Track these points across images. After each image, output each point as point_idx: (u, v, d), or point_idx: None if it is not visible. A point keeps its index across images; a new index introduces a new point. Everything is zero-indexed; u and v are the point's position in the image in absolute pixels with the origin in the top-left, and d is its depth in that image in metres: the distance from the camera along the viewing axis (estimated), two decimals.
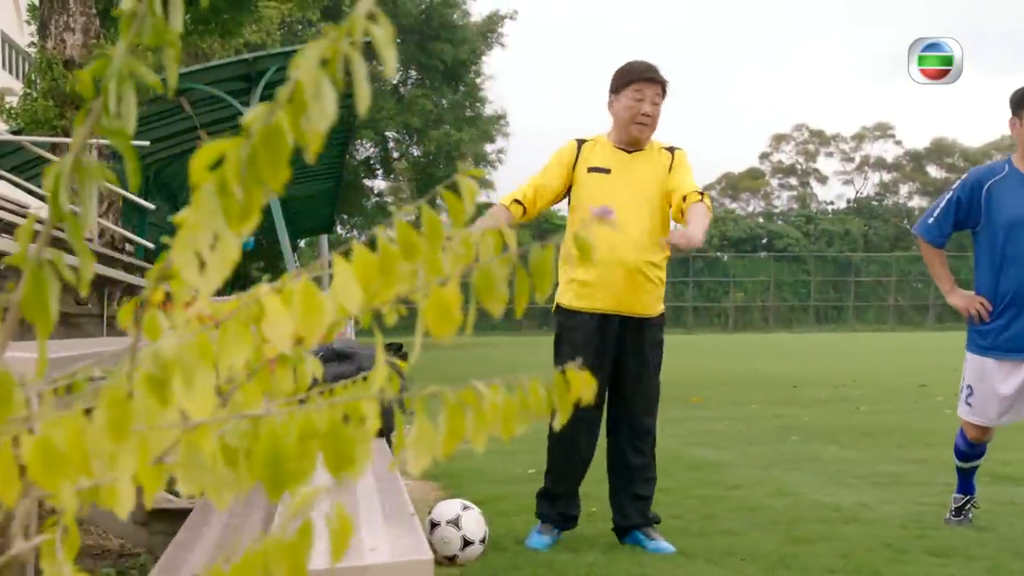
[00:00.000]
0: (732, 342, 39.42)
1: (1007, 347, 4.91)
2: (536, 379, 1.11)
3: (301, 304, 1.02)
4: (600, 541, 4.78)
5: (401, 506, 2.41)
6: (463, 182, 1.06)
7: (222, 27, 17.42)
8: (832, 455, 7.82)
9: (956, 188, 5.03)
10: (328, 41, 0.86)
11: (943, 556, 4.50)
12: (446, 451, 1.07)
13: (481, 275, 1.05)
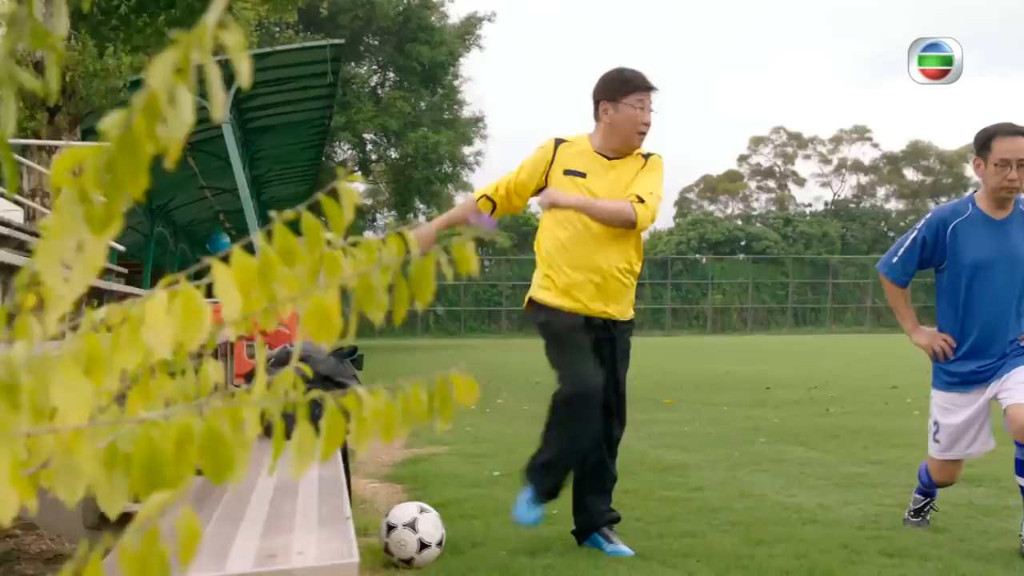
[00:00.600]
0: (710, 344, 39.57)
1: (972, 379, 4.94)
2: (419, 384, 1.12)
3: (181, 310, 1.03)
4: (557, 543, 4.79)
5: (337, 509, 2.42)
6: (343, 189, 1.07)
7: None
8: (797, 456, 7.86)
9: (921, 227, 5.03)
10: (181, 49, 0.86)
11: (897, 557, 4.54)
12: (325, 455, 1.08)
13: (361, 283, 1.06)
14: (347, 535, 2.12)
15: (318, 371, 4.03)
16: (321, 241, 1.05)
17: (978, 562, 4.44)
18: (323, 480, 2.95)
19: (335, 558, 1.86)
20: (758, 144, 73.83)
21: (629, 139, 4.73)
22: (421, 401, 1.11)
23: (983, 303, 4.87)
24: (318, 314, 1.05)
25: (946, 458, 5.05)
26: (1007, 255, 4.83)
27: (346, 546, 2.00)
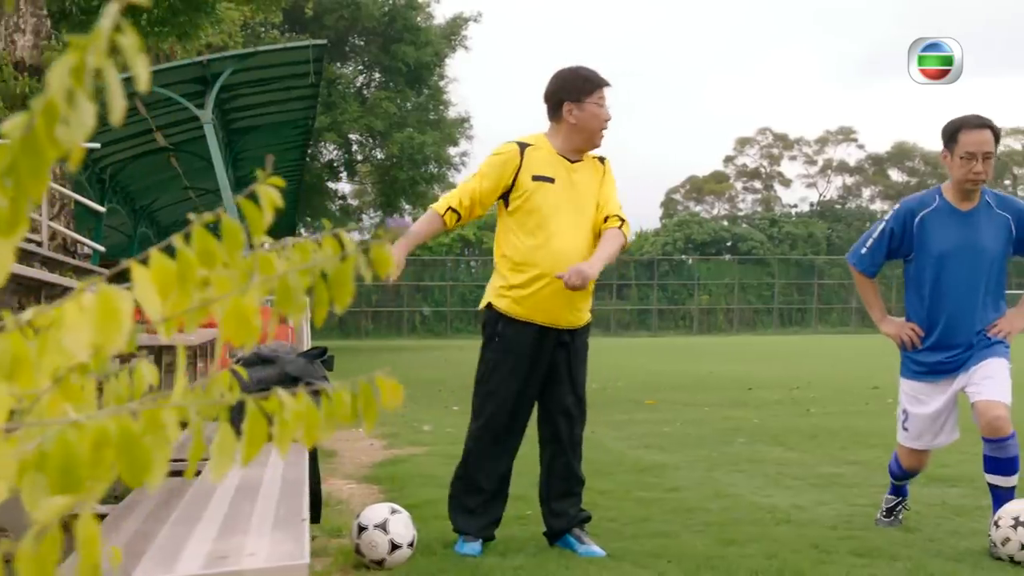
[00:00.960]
0: (695, 345, 39.60)
1: (939, 369, 4.98)
2: (342, 387, 1.12)
3: (98, 312, 1.03)
4: (529, 544, 4.80)
5: (295, 511, 2.42)
6: (262, 191, 1.07)
7: (179, 29, 17.34)
8: (775, 457, 7.88)
9: (889, 219, 5.08)
10: (78, 52, 0.86)
11: (867, 556, 4.55)
12: (247, 458, 1.08)
13: (280, 285, 1.06)
14: (301, 537, 2.12)
15: (287, 372, 4.02)
16: (240, 243, 1.05)
17: (947, 562, 4.45)
18: (286, 481, 2.95)
19: (285, 559, 1.86)
20: (744, 145, 73.96)
21: (593, 137, 4.75)
22: (345, 404, 1.11)
23: (949, 293, 4.91)
24: (236, 317, 1.05)
25: (914, 447, 5.09)
26: (973, 246, 4.87)
27: (298, 548, 2.00)
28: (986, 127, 4.83)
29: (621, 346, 38.89)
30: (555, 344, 4.73)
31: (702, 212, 71.32)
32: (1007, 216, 4.94)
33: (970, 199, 4.92)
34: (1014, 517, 4.40)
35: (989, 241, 4.90)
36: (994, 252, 4.91)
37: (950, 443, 5.16)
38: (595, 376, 18.52)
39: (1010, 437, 4.73)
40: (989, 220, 4.92)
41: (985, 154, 4.79)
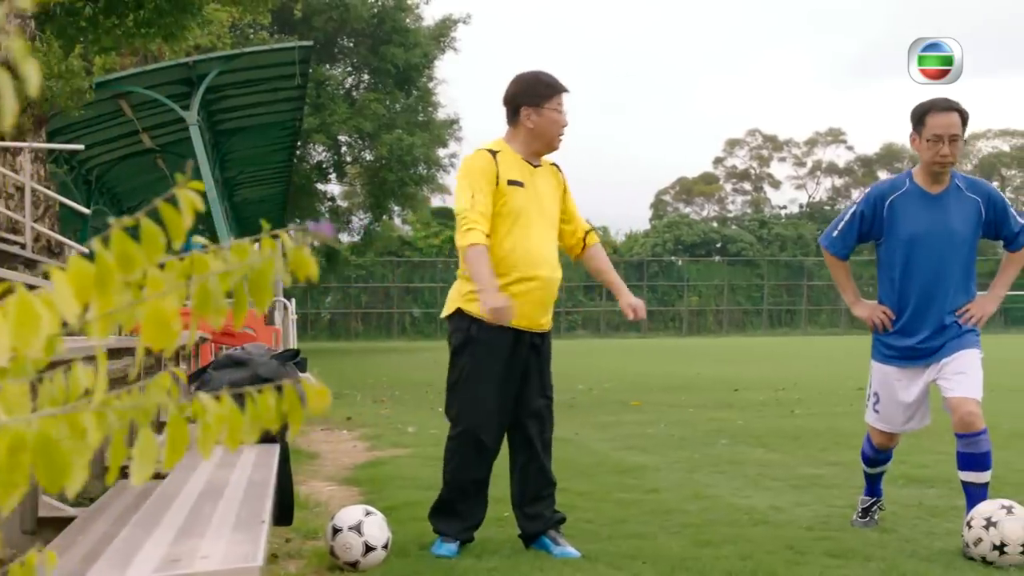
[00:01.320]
0: (684, 346, 39.65)
1: (909, 355, 5.00)
2: (268, 391, 1.12)
3: (15, 316, 1.03)
4: (505, 546, 4.80)
5: (256, 513, 2.42)
6: (182, 195, 1.07)
7: (165, 30, 17.32)
8: (757, 458, 7.89)
9: (860, 202, 5.12)
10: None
11: (841, 557, 4.57)
12: (170, 463, 1.08)
13: (199, 290, 1.06)
14: (258, 539, 2.12)
15: (258, 374, 4.01)
16: (160, 248, 1.05)
17: (920, 562, 4.47)
18: (251, 484, 2.95)
19: (238, 562, 1.86)
20: (734, 146, 74.06)
21: (552, 142, 4.79)
22: (269, 408, 1.11)
23: (919, 277, 4.94)
24: (156, 320, 1.05)
25: (884, 429, 5.11)
26: (942, 229, 4.89)
27: (252, 550, 2.00)
28: (953, 110, 4.87)
29: (610, 347, 38.93)
30: (528, 347, 4.74)
31: (692, 213, 71.40)
32: (977, 199, 4.96)
33: (939, 182, 4.95)
34: (986, 518, 4.42)
35: (959, 224, 4.92)
36: (964, 235, 4.93)
37: (921, 428, 5.19)
38: (582, 378, 18.66)
39: (982, 432, 4.75)
40: (959, 203, 4.94)
41: (952, 136, 4.83)
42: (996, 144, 69.53)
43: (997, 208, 5.00)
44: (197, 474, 3.26)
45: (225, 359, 4.09)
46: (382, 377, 18.84)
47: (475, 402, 4.73)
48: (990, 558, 4.38)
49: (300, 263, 1.06)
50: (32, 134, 13.49)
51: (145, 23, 17.06)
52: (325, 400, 1.13)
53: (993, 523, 4.38)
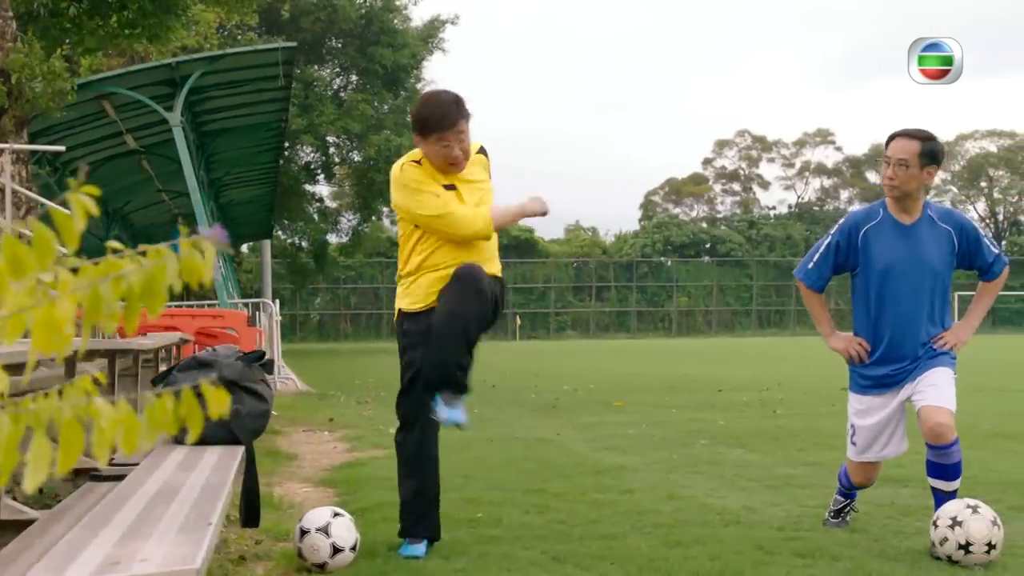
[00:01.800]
0: (673, 347, 39.71)
1: (885, 383, 5.02)
2: (166, 395, 1.12)
3: None
4: (474, 547, 4.80)
5: (205, 515, 2.42)
6: (75, 200, 1.07)
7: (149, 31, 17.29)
8: (735, 458, 7.90)
9: (835, 233, 5.11)
10: None
11: (809, 557, 4.58)
12: (63, 467, 1.08)
13: (91, 295, 1.06)
14: (201, 541, 2.12)
15: (224, 376, 4.01)
16: (52, 252, 1.05)
17: (887, 562, 4.49)
18: (208, 486, 2.95)
19: (176, 564, 1.86)
20: (723, 147, 74.15)
21: (442, 169, 4.77)
22: (167, 411, 1.11)
23: (894, 307, 4.94)
24: (47, 324, 1.05)
25: (863, 460, 5.12)
26: (916, 260, 4.91)
27: (192, 552, 2.00)
28: (913, 138, 4.88)
29: (599, 348, 38.97)
30: None
31: (681, 214, 71.45)
32: (949, 229, 4.97)
33: (909, 211, 4.96)
34: (951, 517, 4.44)
35: (932, 255, 4.94)
36: (937, 266, 4.95)
37: (899, 455, 5.20)
38: (568, 378, 18.68)
39: (952, 444, 4.77)
40: (932, 234, 4.96)
41: (898, 160, 4.84)
42: (984, 145, 69.73)
43: (970, 238, 5.01)
44: (156, 475, 3.26)
45: (191, 361, 4.09)
46: (368, 378, 18.81)
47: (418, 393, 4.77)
48: (956, 557, 4.39)
49: (192, 269, 1.06)
50: (14, 135, 13.46)
51: (129, 24, 17.03)
52: (224, 405, 1.13)
53: (959, 522, 4.40)
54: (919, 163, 4.88)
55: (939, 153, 4.96)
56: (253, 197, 29.92)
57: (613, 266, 63.28)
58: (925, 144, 4.90)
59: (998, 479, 6.67)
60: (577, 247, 65.02)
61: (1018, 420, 10.55)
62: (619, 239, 66.59)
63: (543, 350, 37.52)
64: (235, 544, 4.81)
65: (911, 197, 4.96)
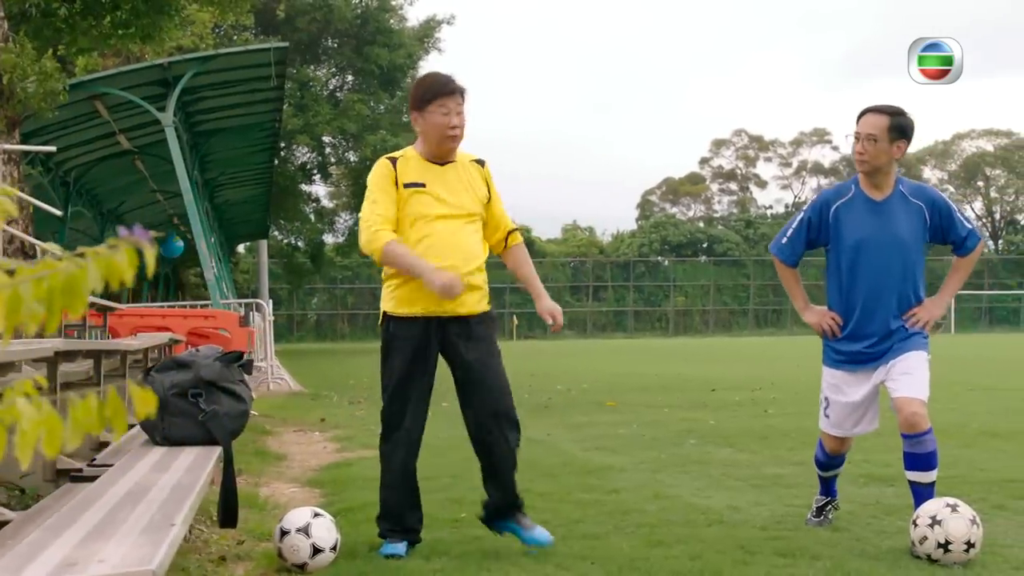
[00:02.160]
0: (669, 346, 39.73)
1: (858, 359, 5.03)
2: (91, 395, 1.12)
3: None
4: (455, 547, 4.80)
5: (168, 516, 2.41)
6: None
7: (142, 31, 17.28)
8: (724, 458, 7.90)
9: (807, 209, 5.17)
10: None
11: (790, 556, 4.58)
12: None
13: (11, 296, 1.06)
14: (161, 542, 2.11)
15: (201, 376, 4.01)
16: None
17: (867, 561, 4.49)
18: (178, 487, 2.95)
19: (132, 566, 1.86)
20: (720, 146, 74.19)
21: (441, 144, 4.78)
22: (91, 411, 1.11)
23: (864, 283, 4.98)
24: None
25: (835, 434, 5.15)
26: (887, 236, 4.93)
27: (150, 554, 2.00)
28: (882, 113, 4.93)
29: (595, 348, 38.99)
30: (446, 333, 4.80)
31: (678, 214, 71.48)
32: (921, 204, 4.98)
33: (880, 188, 4.99)
34: (931, 516, 4.44)
35: (903, 230, 4.94)
36: (909, 241, 4.96)
37: (870, 431, 5.22)
38: (562, 378, 18.69)
39: (927, 432, 4.78)
40: (903, 209, 4.96)
41: (867, 135, 4.89)
42: (980, 144, 69.77)
43: (942, 213, 5.01)
44: (129, 476, 3.26)
45: (169, 362, 4.08)
46: (363, 378, 18.79)
47: (402, 399, 4.80)
48: (935, 556, 4.39)
49: (112, 270, 1.06)
50: (5, 136, 13.44)
51: (122, 24, 17.02)
52: (151, 405, 1.13)
53: (938, 521, 4.40)
54: (888, 137, 4.90)
55: (908, 127, 4.96)
56: (248, 197, 29.91)
57: (610, 266, 63.30)
58: (894, 119, 4.93)
59: (985, 478, 6.68)
60: (574, 247, 65.05)
61: (1009, 418, 10.57)
62: (616, 239, 66.61)
63: (540, 350, 37.51)
64: (216, 544, 4.81)
65: (881, 172, 4.97)
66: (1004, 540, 4.87)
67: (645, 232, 65.62)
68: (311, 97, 37.53)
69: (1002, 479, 6.58)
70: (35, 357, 4.09)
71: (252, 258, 52.38)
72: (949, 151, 70.63)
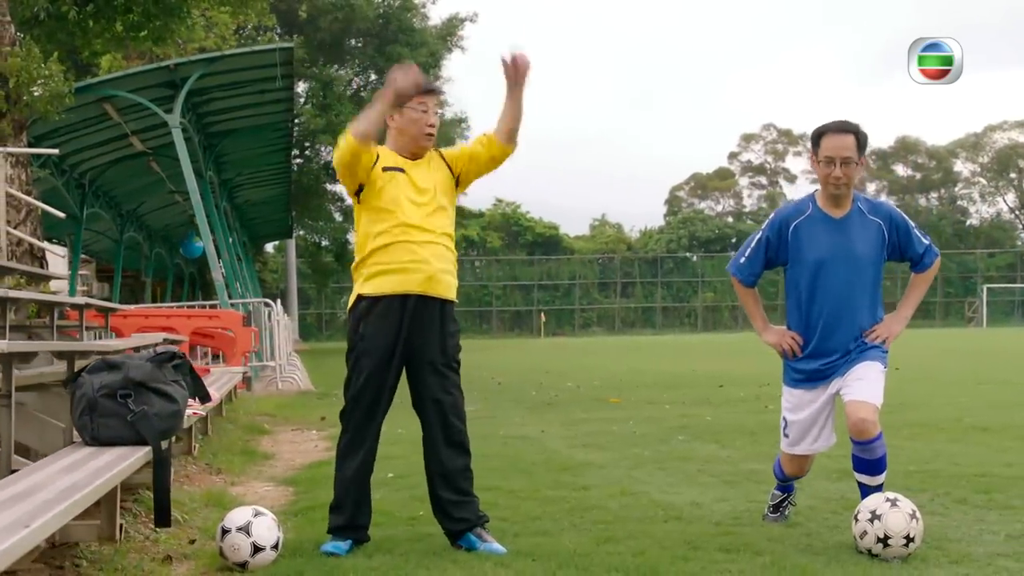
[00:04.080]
0: (695, 343, 39.61)
1: (816, 377, 4.99)
2: None
3: None
4: (402, 546, 4.80)
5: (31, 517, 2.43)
6: None
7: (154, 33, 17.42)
8: (706, 454, 7.88)
9: (765, 228, 5.09)
10: None
11: (733, 552, 4.55)
12: None
13: None
14: None
15: (130, 377, 4.04)
16: None
17: (807, 556, 4.47)
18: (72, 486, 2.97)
19: None
20: (749, 141, 73.84)
21: (416, 141, 4.80)
22: None
23: (824, 301, 4.92)
24: None
25: (794, 452, 5.11)
26: (845, 253, 4.87)
27: None
28: (847, 132, 4.84)
29: (620, 345, 38.96)
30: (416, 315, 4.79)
31: (706, 209, 71.21)
32: (879, 222, 4.91)
33: (840, 206, 4.92)
34: (871, 511, 4.41)
35: (862, 247, 4.89)
36: (868, 258, 4.90)
37: (828, 448, 5.17)
38: (575, 375, 18.65)
39: (876, 439, 4.73)
40: (862, 226, 4.90)
41: (843, 159, 4.79)
42: (1012, 136, 69.00)
43: (900, 230, 4.95)
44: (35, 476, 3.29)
45: (100, 363, 4.11)
46: None
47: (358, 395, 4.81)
48: (875, 551, 4.36)
49: None
50: (12, 139, 13.58)
51: (134, 27, 17.16)
52: None
53: (877, 516, 4.36)
54: (856, 156, 4.87)
55: (866, 141, 4.93)
56: (268, 197, 30.06)
57: (638, 262, 63.21)
58: (859, 136, 4.89)
59: (957, 472, 6.64)
60: (602, 243, 65.01)
61: (1006, 412, 10.51)
62: (644, 235, 66.50)
63: (564, 347, 37.55)
64: (166, 544, 4.84)
65: (849, 190, 4.93)
66: (954, 535, 4.84)
67: (673, 228, 65.50)
68: (334, 97, 37.64)
69: (973, 473, 6.52)
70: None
71: (281, 257, 52.69)
72: (981, 143, 69.91)
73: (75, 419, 4.05)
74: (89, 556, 4.22)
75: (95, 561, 4.19)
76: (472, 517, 4.81)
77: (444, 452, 4.90)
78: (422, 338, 4.77)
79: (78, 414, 4.03)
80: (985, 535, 4.86)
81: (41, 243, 13.53)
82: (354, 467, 4.87)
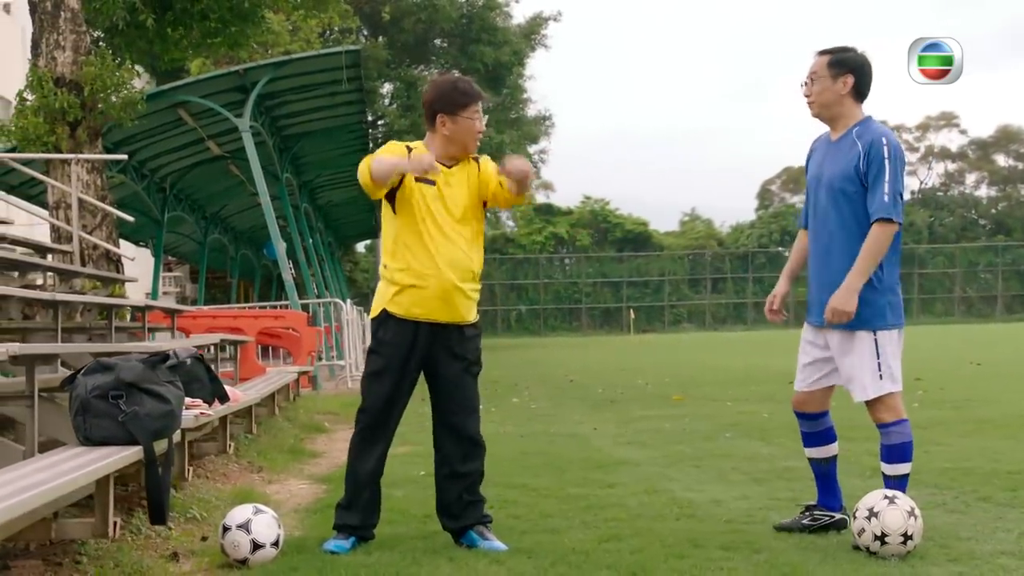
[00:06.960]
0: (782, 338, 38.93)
1: (813, 312, 4.94)
2: None
3: None
4: (405, 543, 4.84)
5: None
6: None
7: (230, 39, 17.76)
8: (747, 452, 7.80)
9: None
10: None
11: (732, 550, 4.53)
12: None
13: None
14: None
15: (122, 378, 4.14)
16: None
17: (802, 554, 4.43)
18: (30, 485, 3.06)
19: None
20: None
21: (468, 147, 4.86)
22: None
23: (813, 226, 4.91)
24: None
25: (798, 388, 5.11)
26: (823, 178, 4.81)
27: None
28: (821, 53, 4.84)
29: (707, 341, 38.56)
30: (432, 340, 4.84)
31: (798, 203, 70.06)
32: (859, 148, 4.67)
33: (836, 128, 4.84)
34: (869, 508, 4.35)
35: (835, 173, 4.71)
36: (838, 186, 4.68)
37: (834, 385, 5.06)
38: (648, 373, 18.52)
39: (891, 424, 4.77)
40: (847, 150, 4.70)
41: (809, 75, 4.83)
42: None
43: (871, 165, 4.61)
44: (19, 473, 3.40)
45: (95, 364, 4.22)
46: None
47: (376, 397, 4.88)
48: (873, 548, 4.30)
49: None
50: (88, 146, 13.93)
51: (211, 33, 17.52)
52: None
53: (875, 513, 4.30)
54: (830, 74, 4.77)
55: (850, 60, 4.78)
56: (350, 198, 30.41)
57: (729, 257, 62.54)
58: (835, 55, 4.81)
59: (991, 469, 6.54)
60: (692, 239, 64.47)
61: None
62: (735, 230, 65.75)
63: (651, 343, 37.32)
64: (177, 541, 4.95)
65: (831, 111, 4.81)
66: (965, 533, 4.74)
67: (764, 222, 64.66)
68: (417, 97, 37.95)
69: (1007, 471, 6.37)
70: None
71: (372, 257, 53.26)
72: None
73: (71, 419, 4.17)
74: (91, 553, 4.34)
75: (96, 558, 4.30)
76: (475, 516, 4.85)
77: (456, 455, 4.96)
78: (440, 344, 4.83)
79: (72, 414, 4.15)
80: (999, 532, 4.76)
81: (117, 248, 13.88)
82: (368, 469, 4.94)
